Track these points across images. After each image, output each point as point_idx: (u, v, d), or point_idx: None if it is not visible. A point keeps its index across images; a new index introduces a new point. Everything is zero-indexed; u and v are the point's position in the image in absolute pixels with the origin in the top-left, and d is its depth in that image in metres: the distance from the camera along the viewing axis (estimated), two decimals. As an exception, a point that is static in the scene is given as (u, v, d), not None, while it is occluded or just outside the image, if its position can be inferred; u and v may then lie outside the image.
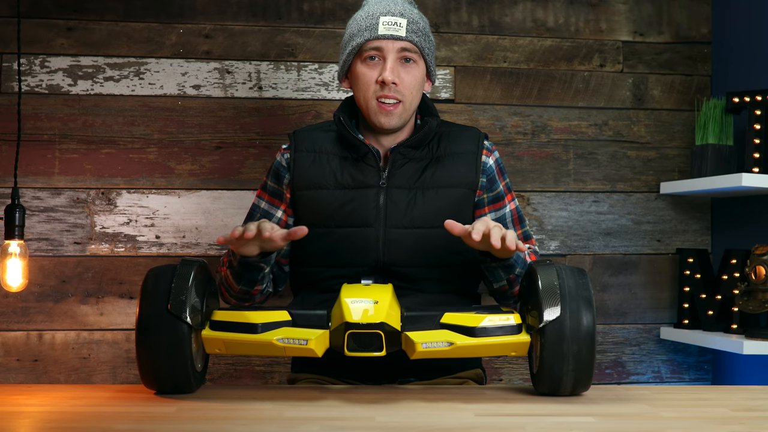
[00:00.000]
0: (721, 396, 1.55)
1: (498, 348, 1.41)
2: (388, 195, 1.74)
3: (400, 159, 1.76)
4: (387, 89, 1.73)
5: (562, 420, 1.26)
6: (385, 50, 1.73)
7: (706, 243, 2.74)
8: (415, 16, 1.77)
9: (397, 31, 1.73)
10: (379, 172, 1.76)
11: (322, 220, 1.75)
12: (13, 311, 2.47)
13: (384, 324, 1.36)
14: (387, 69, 1.72)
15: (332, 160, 1.78)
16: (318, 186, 1.76)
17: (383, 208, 1.74)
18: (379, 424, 1.23)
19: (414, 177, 1.76)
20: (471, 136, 1.82)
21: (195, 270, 1.41)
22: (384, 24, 1.73)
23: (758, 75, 2.54)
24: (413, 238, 1.73)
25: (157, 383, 1.41)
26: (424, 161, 1.77)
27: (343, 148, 1.79)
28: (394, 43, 1.73)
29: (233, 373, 2.54)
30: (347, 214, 1.74)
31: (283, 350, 1.38)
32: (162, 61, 2.55)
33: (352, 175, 1.76)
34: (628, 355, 2.71)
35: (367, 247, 1.73)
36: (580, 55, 2.72)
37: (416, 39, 1.74)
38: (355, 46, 1.75)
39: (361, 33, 1.75)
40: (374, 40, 1.73)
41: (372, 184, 1.75)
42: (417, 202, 1.74)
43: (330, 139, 1.81)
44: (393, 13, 1.74)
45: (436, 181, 1.76)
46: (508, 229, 1.80)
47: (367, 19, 1.75)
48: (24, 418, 1.26)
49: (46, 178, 2.49)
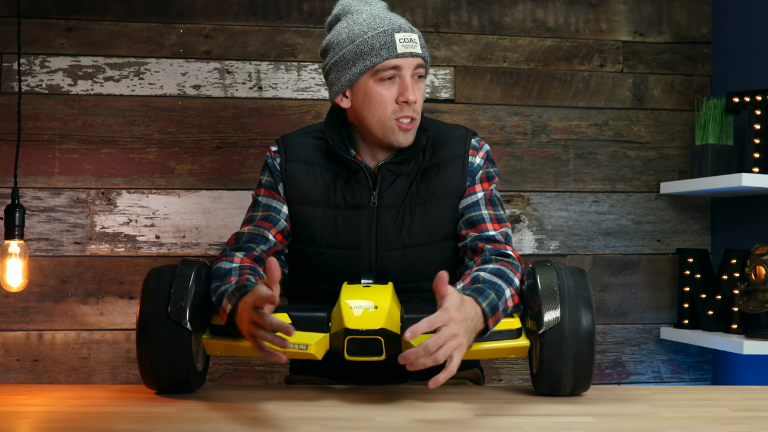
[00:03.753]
0: (721, 396, 1.55)
1: (497, 352, 1.41)
2: (378, 216, 1.71)
3: (388, 176, 1.72)
4: (407, 109, 1.67)
5: (562, 420, 1.26)
6: (403, 68, 1.66)
7: (706, 243, 2.74)
8: (415, 28, 1.73)
9: (414, 48, 1.67)
10: (370, 191, 1.71)
11: (314, 239, 1.72)
12: (13, 311, 2.47)
13: (384, 329, 1.36)
14: (408, 89, 1.65)
15: (326, 174, 1.73)
16: (311, 203, 1.72)
17: (374, 231, 1.71)
18: (379, 424, 1.23)
19: (402, 195, 1.72)
20: (458, 138, 1.76)
21: (195, 271, 1.41)
22: (401, 41, 1.66)
23: (758, 75, 2.54)
24: (405, 258, 1.70)
25: (158, 383, 1.41)
26: (411, 176, 1.73)
27: (335, 162, 1.75)
28: (412, 60, 1.67)
29: (233, 373, 2.54)
30: (339, 236, 1.71)
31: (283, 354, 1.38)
32: (162, 61, 2.55)
33: (344, 194, 1.72)
34: (628, 355, 2.71)
35: (359, 269, 1.69)
36: (580, 55, 2.72)
37: (425, 54, 1.70)
38: (369, 65, 1.66)
39: (376, 52, 1.66)
40: (394, 59, 1.66)
41: (363, 204, 1.71)
42: (405, 221, 1.70)
43: (322, 149, 1.75)
44: (405, 29, 1.67)
45: (423, 197, 1.72)
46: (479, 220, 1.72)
47: (378, 37, 1.66)
48: (24, 418, 1.26)
49: (46, 178, 2.49)
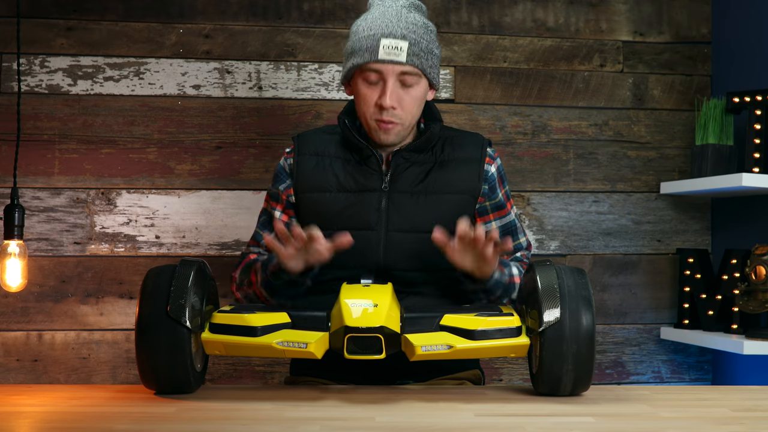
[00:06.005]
0: (721, 396, 1.54)
1: (497, 350, 1.41)
2: (390, 199, 1.74)
3: (402, 163, 1.76)
4: (385, 113, 1.70)
5: (562, 420, 1.26)
6: (384, 73, 1.69)
7: (706, 243, 2.74)
8: (418, 33, 1.71)
9: (398, 56, 1.67)
10: (381, 175, 1.75)
11: (323, 223, 1.74)
12: (13, 311, 2.47)
13: (384, 327, 1.36)
14: (386, 94, 1.68)
15: (335, 163, 1.77)
16: (320, 189, 1.76)
17: (385, 211, 1.73)
18: (379, 424, 1.23)
19: (416, 181, 1.75)
20: (475, 143, 1.81)
21: (195, 270, 1.41)
22: (384, 48, 1.67)
23: (758, 75, 2.54)
24: (414, 242, 1.72)
25: (157, 383, 1.41)
26: (427, 165, 1.77)
27: (347, 150, 1.78)
28: (394, 67, 1.68)
29: (233, 373, 2.54)
30: (349, 217, 1.73)
31: (283, 353, 1.38)
32: (162, 61, 2.55)
33: (354, 178, 1.75)
34: (628, 355, 2.71)
35: (368, 250, 1.72)
36: (580, 55, 2.71)
37: (417, 61, 1.69)
38: (356, 64, 1.71)
39: (361, 53, 1.70)
40: (374, 63, 1.69)
41: (374, 187, 1.74)
42: (419, 206, 1.74)
43: (334, 142, 1.79)
44: (395, 35, 1.68)
45: (439, 186, 1.75)
46: (515, 237, 1.84)
47: (368, 38, 1.69)
48: (24, 418, 1.26)
49: (46, 178, 2.49)
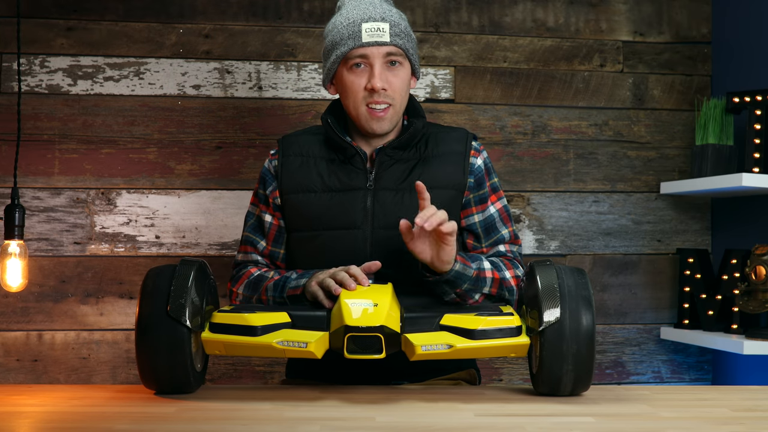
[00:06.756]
0: (721, 396, 1.54)
1: (497, 350, 1.41)
2: (375, 197, 1.74)
3: (387, 160, 1.76)
4: (377, 95, 1.72)
5: (562, 420, 1.26)
6: (370, 57, 1.72)
7: (706, 243, 2.74)
8: (395, 17, 1.76)
9: (381, 36, 1.72)
10: (366, 174, 1.75)
11: (310, 224, 1.74)
12: (13, 311, 2.47)
13: (384, 327, 1.36)
14: (375, 76, 1.71)
15: (319, 163, 1.78)
16: (305, 189, 1.76)
17: (371, 209, 1.73)
18: (379, 424, 1.23)
19: (401, 178, 1.75)
20: (459, 137, 1.81)
21: (195, 270, 1.41)
22: (367, 31, 1.72)
23: (758, 75, 2.54)
24: (400, 239, 1.72)
25: (157, 383, 1.41)
26: (411, 162, 1.77)
27: (331, 150, 1.79)
28: (379, 48, 1.72)
29: (233, 373, 2.54)
30: (335, 217, 1.74)
31: (283, 353, 1.38)
32: (162, 61, 2.55)
33: (339, 177, 1.76)
34: (628, 355, 2.71)
35: (355, 249, 1.72)
36: (580, 55, 2.71)
37: (400, 42, 1.74)
38: (340, 55, 1.74)
39: (344, 41, 1.73)
40: (359, 48, 1.72)
41: (359, 186, 1.75)
42: (404, 202, 1.73)
43: (318, 142, 1.81)
44: (375, 18, 1.72)
45: (424, 182, 1.74)
46: (496, 229, 1.81)
47: (348, 26, 1.73)
48: (24, 418, 1.26)
49: (46, 178, 2.49)
